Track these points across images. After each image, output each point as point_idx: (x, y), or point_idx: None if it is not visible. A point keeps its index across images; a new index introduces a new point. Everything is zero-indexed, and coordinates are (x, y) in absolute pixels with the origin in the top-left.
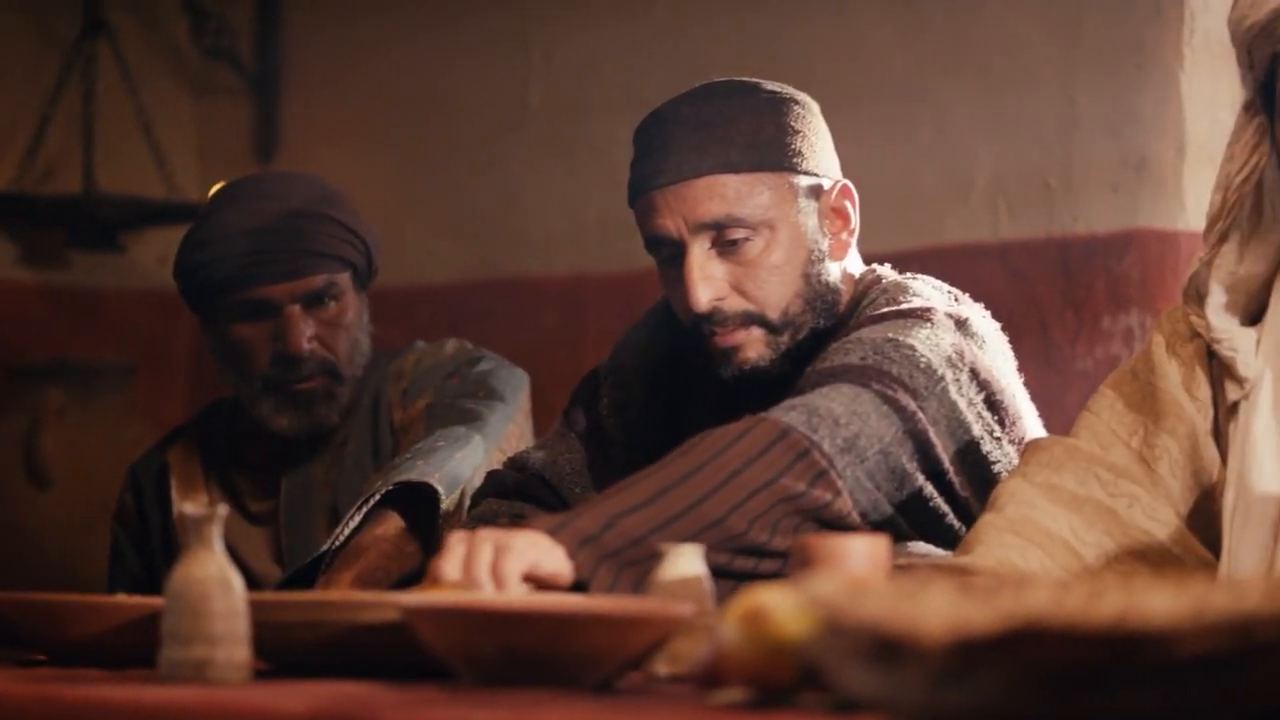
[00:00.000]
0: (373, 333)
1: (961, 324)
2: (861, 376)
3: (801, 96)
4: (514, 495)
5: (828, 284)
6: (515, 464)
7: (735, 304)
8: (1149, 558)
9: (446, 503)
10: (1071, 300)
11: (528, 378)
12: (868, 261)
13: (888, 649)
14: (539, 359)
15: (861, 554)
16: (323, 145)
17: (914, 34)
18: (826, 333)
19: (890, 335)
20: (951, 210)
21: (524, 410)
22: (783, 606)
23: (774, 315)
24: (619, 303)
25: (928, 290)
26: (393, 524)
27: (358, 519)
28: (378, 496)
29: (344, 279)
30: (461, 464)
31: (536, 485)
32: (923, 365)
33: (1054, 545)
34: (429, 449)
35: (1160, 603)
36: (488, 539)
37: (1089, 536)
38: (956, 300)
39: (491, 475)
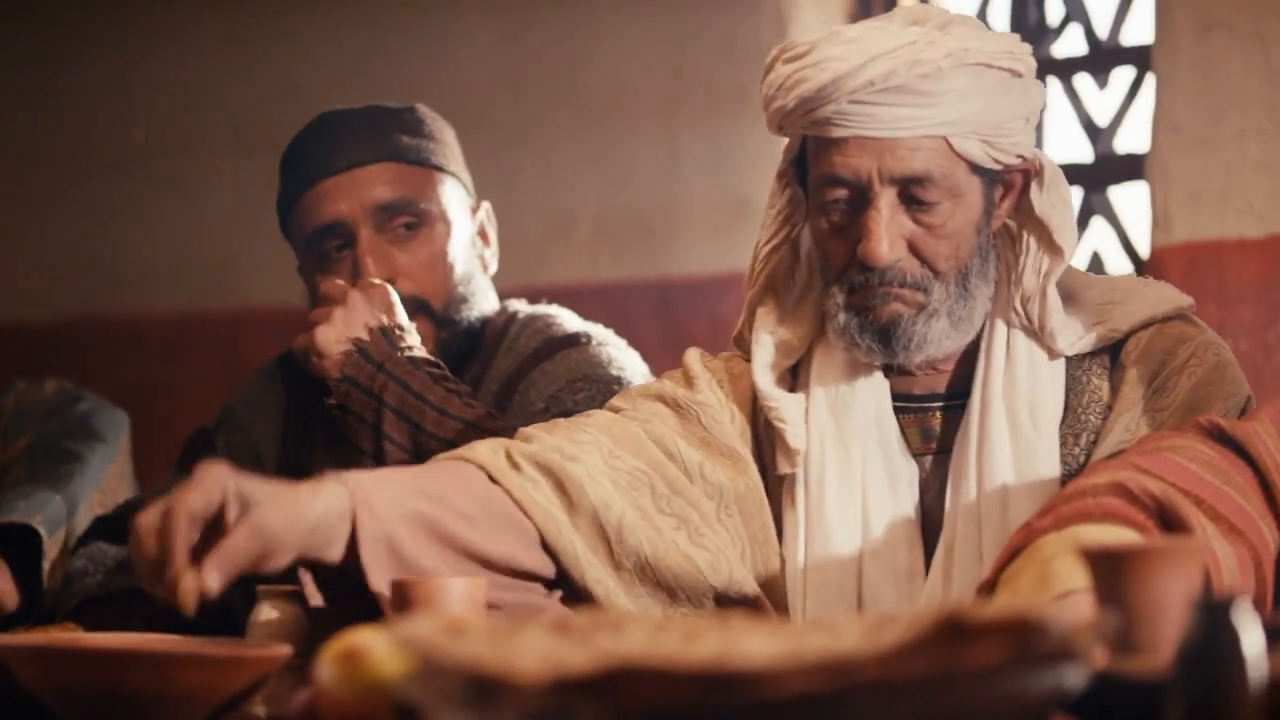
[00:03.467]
0: None
1: (627, 349)
2: None
3: None
4: (124, 540)
5: (482, 292)
6: (128, 508)
7: (405, 288)
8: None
9: (48, 544)
10: (673, 341)
11: (128, 418)
12: None
13: (484, 689)
14: (141, 399)
15: (459, 595)
16: None
17: (518, 74)
18: (470, 348)
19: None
20: (553, 250)
21: (124, 451)
22: (379, 647)
23: (437, 304)
24: (222, 341)
25: (574, 319)
26: None
27: None
28: None
29: None
30: (63, 506)
31: None
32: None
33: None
34: (30, 490)
35: (758, 643)
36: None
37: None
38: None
39: (100, 519)
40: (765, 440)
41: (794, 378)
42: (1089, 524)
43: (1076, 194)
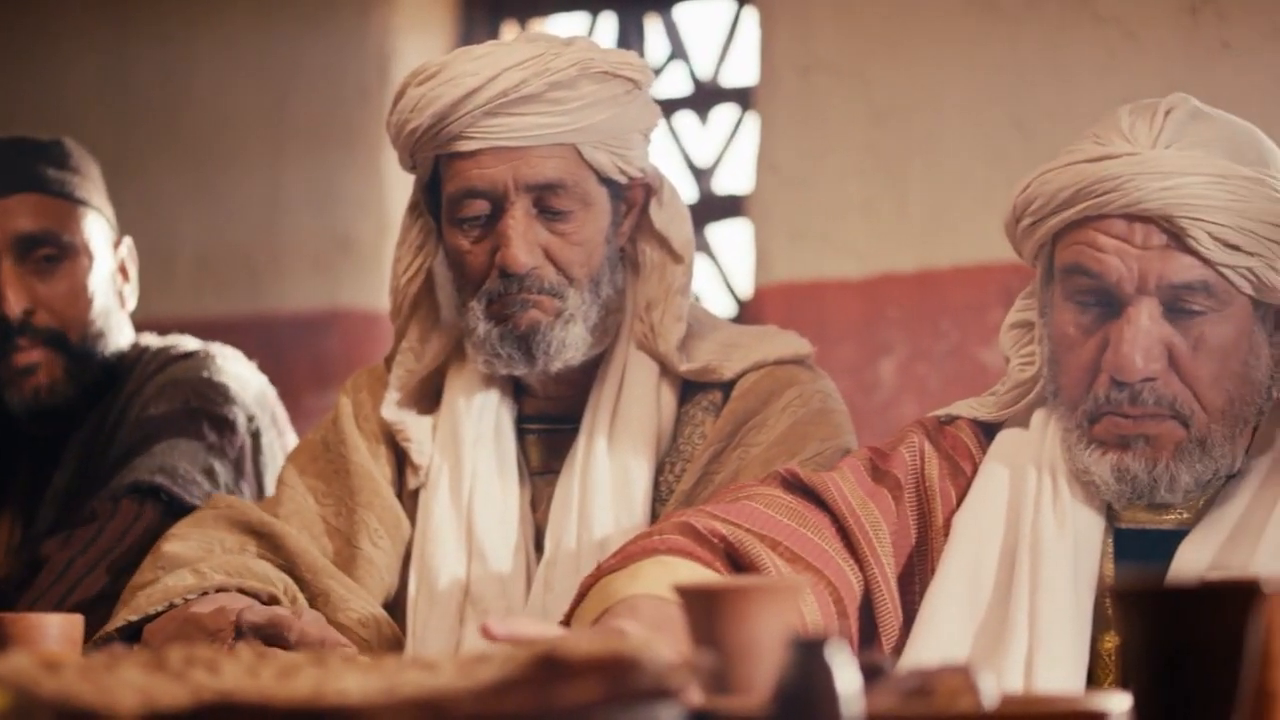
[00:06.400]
0: None
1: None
2: (191, 423)
3: None
4: None
5: (119, 327)
6: None
7: (43, 319)
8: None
9: None
10: (276, 379)
11: None
12: None
13: None
14: None
15: (56, 631)
16: None
17: (121, 108)
18: (103, 380)
19: (205, 375)
20: (155, 286)
21: None
22: None
23: (74, 336)
24: None
25: (197, 342)
26: None
27: None
28: None
29: None
30: None
31: None
32: (238, 401)
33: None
34: None
35: (353, 680)
36: None
37: None
38: None
39: None
40: (401, 457)
41: (435, 397)
42: (654, 558)
43: None
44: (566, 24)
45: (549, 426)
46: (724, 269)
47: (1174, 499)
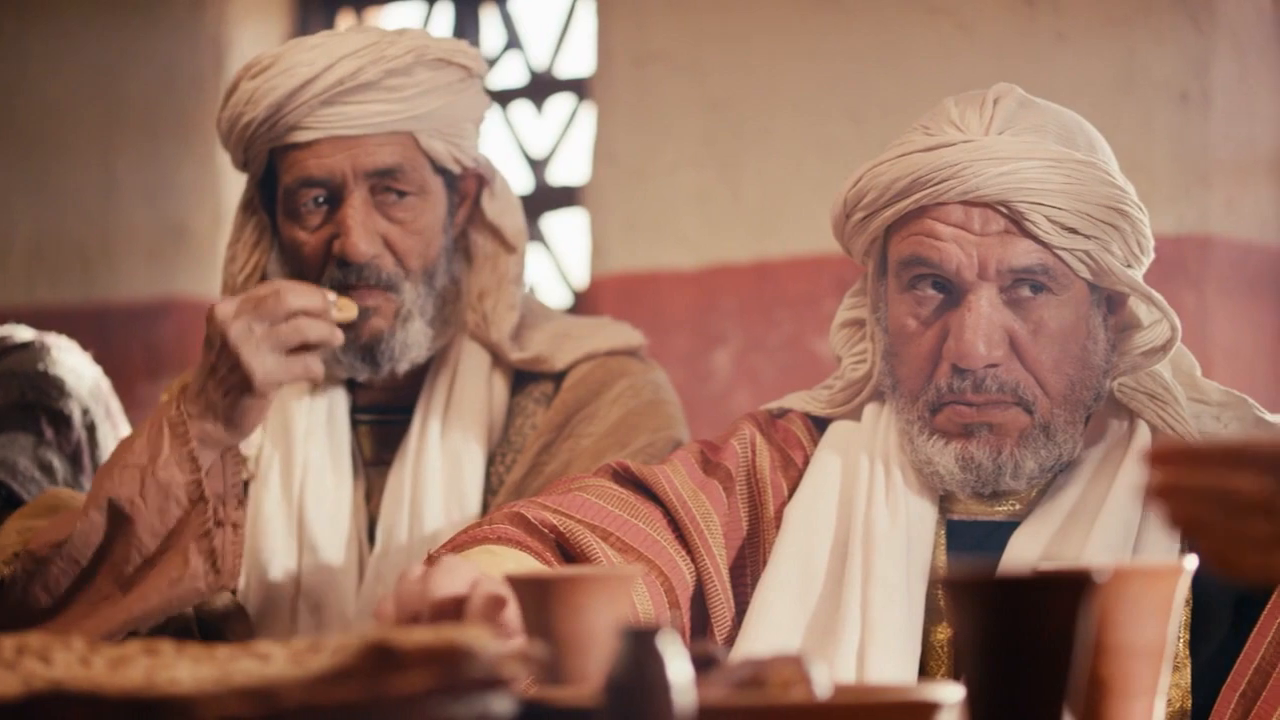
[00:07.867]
0: None
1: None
2: (28, 417)
3: None
4: None
5: None
6: None
7: None
8: None
9: None
10: (110, 368)
11: None
12: None
13: None
14: None
15: None
16: None
17: None
18: None
19: (40, 368)
20: None
21: None
22: None
23: None
24: None
25: (31, 331)
26: None
27: None
28: None
29: None
30: None
31: None
32: (74, 394)
33: None
34: None
35: (185, 669)
36: None
37: None
38: None
39: None
40: None
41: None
42: (482, 546)
43: None
44: (403, 14)
45: (382, 417)
46: (559, 260)
47: (1018, 486)
